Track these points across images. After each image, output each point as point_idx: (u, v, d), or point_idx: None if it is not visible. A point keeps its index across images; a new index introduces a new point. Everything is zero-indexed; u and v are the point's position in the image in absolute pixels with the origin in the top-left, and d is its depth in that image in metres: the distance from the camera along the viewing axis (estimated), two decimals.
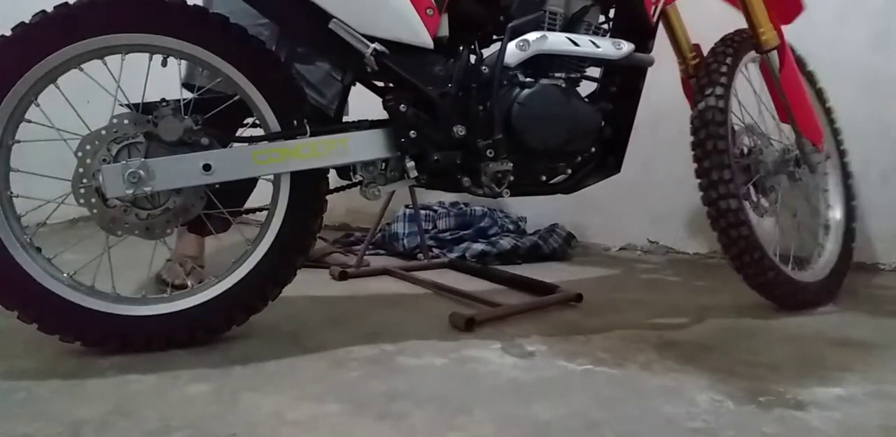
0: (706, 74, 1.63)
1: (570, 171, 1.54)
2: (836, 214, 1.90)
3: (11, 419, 1.06)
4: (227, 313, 1.38)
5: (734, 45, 1.67)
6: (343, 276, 1.97)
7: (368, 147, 1.37)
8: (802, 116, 1.70)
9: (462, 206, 2.49)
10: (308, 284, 1.96)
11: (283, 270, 1.40)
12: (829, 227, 1.89)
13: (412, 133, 1.36)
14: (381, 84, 1.49)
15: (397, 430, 1.04)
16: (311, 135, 1.34)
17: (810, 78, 1.88)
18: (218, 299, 1.37)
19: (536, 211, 2.54)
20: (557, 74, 1.46)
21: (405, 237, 2.35)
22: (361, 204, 2.69)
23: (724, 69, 1.62)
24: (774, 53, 1.68)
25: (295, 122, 1.35)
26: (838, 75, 1.92)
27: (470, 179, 1.43)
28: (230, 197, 1.42)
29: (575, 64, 1.48)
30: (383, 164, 1.41)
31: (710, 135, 1.57)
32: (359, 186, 1.42)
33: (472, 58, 1.41)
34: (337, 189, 1.51)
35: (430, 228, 2.41)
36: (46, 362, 1.29)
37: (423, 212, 2.42)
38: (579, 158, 1.54)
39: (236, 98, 1.36)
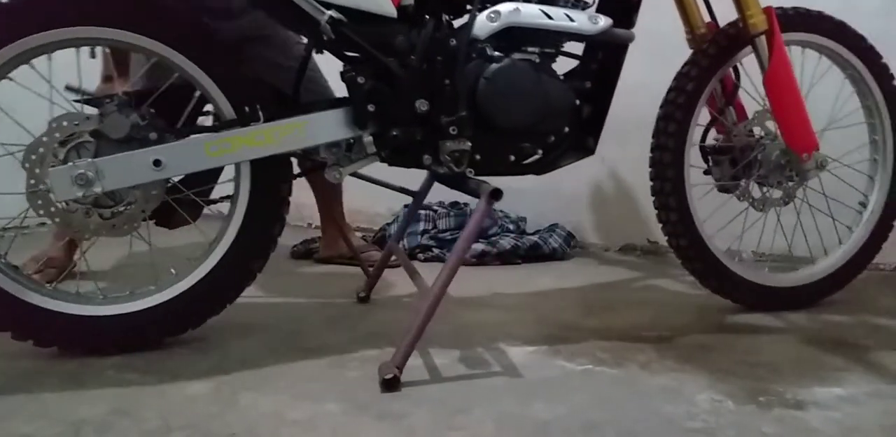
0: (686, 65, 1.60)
1: (541, 151, 1.45)
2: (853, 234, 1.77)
3: (12, 418, 1.07)
4: (203, 301, 1.37)
5: (728, 35, 1.59)
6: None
7: (327, 129, 1.31)
8: (787, 118, 1.57)
9: (462, 206, 2.49)
10: (309, 283, 1.96)
11: (253, 257, 1.38)
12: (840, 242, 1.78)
13: (370, 107, 1.30)
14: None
15: (397, 430, 1.04)
16: (266, 120, 1.29)
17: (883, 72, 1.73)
18: (192, 290, 1.35)
19: (536, 211, 2.54)
20: (531, 49, 1.38)
21: (405, 237, 2.35)
22: (362, 204, 2.72)
23: (707, 58, 1.58)
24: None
25: (247, 108, 1.31)
26: (838, 74, 1.91)
27: (431, 157, 1.36)
28: (198, 179, 1.39)
29: (551, 38, 1.40)
30: (347, 145, 1.35)
31: (663, 115, 1.58)
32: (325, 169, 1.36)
33: (439, 28, 1.33)
34: (301, 173, 1.47)
35: (430, 228, 2.40)
36: (46, 362, 1.30)
37: (423, 212, 2.42)
38: (552, 139, 1.44)
39: (174, 80, 1.33)
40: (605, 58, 1.49)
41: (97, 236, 1.30)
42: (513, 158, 1.43)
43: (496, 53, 1.36)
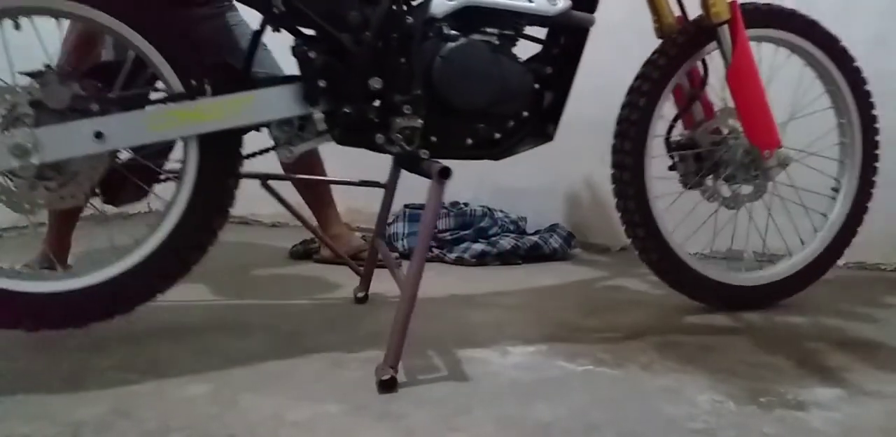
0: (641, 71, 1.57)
1: (498, 135, 1.43)
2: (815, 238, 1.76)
3: (11, 419, 1.06)
4: (167, 265, 1.34)
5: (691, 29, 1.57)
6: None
7: (276, 105, 1.29)
8: (750, 113, 1.54)
9: (462, 206, 2.48)
10: (308, 283, 1.96)
11: (202, 233, 1.36)
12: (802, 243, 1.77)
13: (321, 83, 1.28)
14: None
15: (396, 431, 1.04)
16: (214, 95, 1.27)
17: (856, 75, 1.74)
18: (154, 255, 1.32)
19: (536, 211, 2.54)
20: (490, 30, 1.37)
21: (405, 238, 2.34)
22: (361, 204, 2.72)
23: (662, 60, 1.55)
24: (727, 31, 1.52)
25: (194, 82, 1.29)
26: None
27: (384, 137, 1.33)
28: (151, 151, 1.37)
29: (510, 20, 1.39)
30: (300, 123, 1.33)
31: (622, 119, 1.57)
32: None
33: (395, 5, 1.31)
34: (254, 153, 1.45)
35: None
36: (45, 362, 1.29)
37: (422, 212, 2.41)
38: (511, 123, 1.43)
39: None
40: (567, 42, 1.47)
41: (48, 208, 1.27)
42: (470, 141, 1.42)
43: (453, 32, 1.35)
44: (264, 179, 1.62)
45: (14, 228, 2.46)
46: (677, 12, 1.63)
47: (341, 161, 2.08)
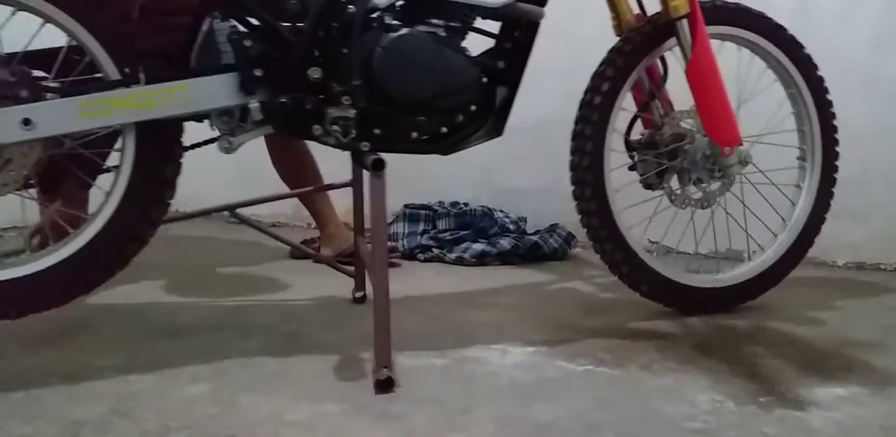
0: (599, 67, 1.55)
1: (445, 130, 1.39)
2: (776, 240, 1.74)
3: (10, 419, 1.06)
4: (82, 274, 1.30)
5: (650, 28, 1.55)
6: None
7: (211, 94, 1.27)
8: (709, 110, 1.50)
9: (462, 206, 2.48)
10: (308, 283, 1.96)
11: (140, 223, 1.33)
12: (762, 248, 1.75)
13: (257, 72, 1.26)
14: None
15: (397, 430, 1.04)
16: (148, 82, 1.25)
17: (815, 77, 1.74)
18: (72, 259, 1.28)
19: (536, 211, 2.53)
20: (435, 22, 1.35)
21: (404, 238, 2.34)
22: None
23: (621, 55, 1.53)
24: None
25: (127, 69, 1.26)
26: (838, 75, 1.92)
27: (321, 128, 1.30)
28: (95, 141, 1.34)
29: (456, 12, 1.36)
30: (241, 113, 1.30)
31: (580, 119, 1.55)
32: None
33: None
34: (197, 144, 1.43)
35: (430, 228, 2.40)
36: (45, 362, 1.29)
37: (422, 212, 2.41)
38: (459, 117, 1.40)
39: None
40: (519, 37, 1.44)
41: None
42: (415, 134, 1.38)
43: (395, 23, 1.34)
44: (232, 209, 1.63)
45: (14, 227, 2.46)
46: (636, 10, 1.61)
47: (336, 161, 2.08)
